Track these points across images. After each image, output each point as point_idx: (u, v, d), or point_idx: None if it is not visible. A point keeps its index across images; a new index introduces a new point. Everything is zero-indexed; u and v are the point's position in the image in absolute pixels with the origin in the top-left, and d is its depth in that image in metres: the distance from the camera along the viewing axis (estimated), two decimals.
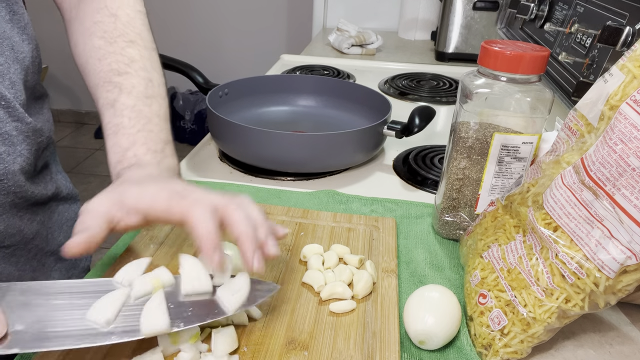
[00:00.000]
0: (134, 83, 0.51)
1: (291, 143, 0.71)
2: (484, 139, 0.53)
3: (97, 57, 0.53)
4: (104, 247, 0.45)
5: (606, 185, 0.36)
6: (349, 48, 1.46)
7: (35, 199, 0.55)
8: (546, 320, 0.40)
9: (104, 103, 0.51)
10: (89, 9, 0.55)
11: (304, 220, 0.60)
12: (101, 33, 0.54)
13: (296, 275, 0.51)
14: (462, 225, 0.58)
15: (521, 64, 0.48)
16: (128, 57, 0.53)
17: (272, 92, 0.93)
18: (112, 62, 0.52)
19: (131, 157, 0.47)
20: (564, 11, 0.82)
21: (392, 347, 0.42)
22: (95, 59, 0.53)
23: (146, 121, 0.50)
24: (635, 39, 0.57)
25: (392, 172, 0.77)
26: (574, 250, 0.38)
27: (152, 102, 0.52)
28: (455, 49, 1.43)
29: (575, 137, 0.42)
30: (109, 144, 0.49)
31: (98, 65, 0.53)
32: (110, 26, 0.54)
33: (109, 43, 0.53)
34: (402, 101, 1.10)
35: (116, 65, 0.52)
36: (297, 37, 2.75)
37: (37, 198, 0.56)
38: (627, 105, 0.35)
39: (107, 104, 0.50)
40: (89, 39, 0.54)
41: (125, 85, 0.51)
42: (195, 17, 2.87)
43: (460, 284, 0.52)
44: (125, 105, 0.50)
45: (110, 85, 0.51)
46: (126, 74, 0.52)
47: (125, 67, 0.52)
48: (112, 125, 0.49)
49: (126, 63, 0.52)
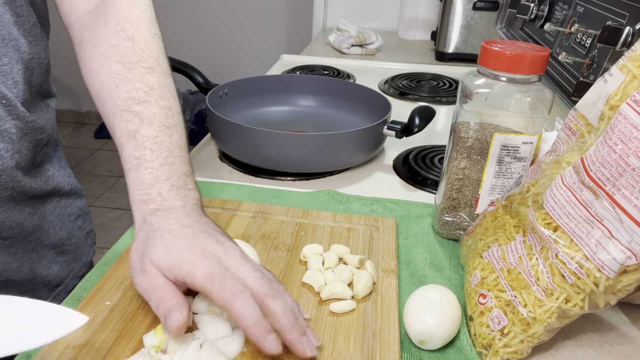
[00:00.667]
0: (154, 113, 0.50)
1: (291, 143, 0.71)
2: (484, 139, 0.53)
3: (114, 83, 0.51)
4: (104, 247, 0.46)
5: (606, 185, 0.36)
6: (349, 48, 1.46)
7: (34, 194, 0.56)
8: (546, 320, 0.40)
9: (123, 133, 0.49)
10: (104, 32, 0.53)
11: (304, 220, 0.60)
12: (119, 58, 0.51)
13: (296, 275, 0.51)
14: (462, 225, 0.58)
15: (521, 64, 0.48)
16: (147, 84, 0.51)
17: (272, 92, 0.93)
18: (131, 90, 0.50)
19: (156, 196, 0.45)
20: (564, 11, 0.82)
21: (392, 347, 0.42)
22: (113, 85, 0.51)
23: (168, 153, 0.48)
24: (635, 39, 0.57)
25: (392, 172, 0.77)
26: (574, 250, 0.38)
27: (172, 132, 0.50)
28: (455, 49, 1.43)
29: (575, 137, 0.42)
30: (130, 178, 0.47)
31: (115, 92, 0.50)
32: (128, 51, 0.52)
33: (127, 69, 0.51)
34: (402, 101, 1.10)
35: (135, 93, 0.50)
36: (297, 37, 2.75)
37: (36, 192, 0.56)
38: (627, 105, 0.35)
39: (128, 135, 0.48)
40: (105, 64, 0.52)
41: (145, 115, 0.49)
42: (195, 17, 2.87)
43: (460, 284, 0.52)
44: (146, 137, 0.48)
45: (130, 114, 0.49)
46: (146, 102, 0.50)
47: (145, 95, 0.50)
48: (133, 158, 0.47)
49: (145, 91, 0.51)
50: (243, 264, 0.40)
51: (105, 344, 0.41)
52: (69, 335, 0.41)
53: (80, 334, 0.42)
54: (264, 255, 0.53)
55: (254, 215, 0.60)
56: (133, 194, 0.47)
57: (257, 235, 0.57)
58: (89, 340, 0.41)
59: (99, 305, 0.45)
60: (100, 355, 0.40)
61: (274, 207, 0.62)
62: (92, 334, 0.42)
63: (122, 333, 0.42)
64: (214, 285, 0.38)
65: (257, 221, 0.59)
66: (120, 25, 0.52)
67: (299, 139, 0.71)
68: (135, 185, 0.46)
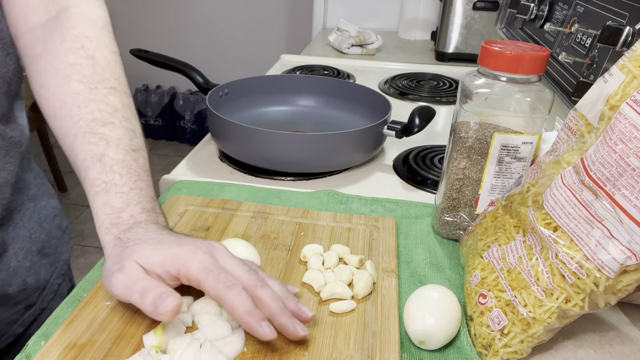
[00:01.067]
0: (119, 135, 0.48)
1: (291, 143, 0.71)
2: (484, 139, 0.53)
3: (75, 103, 0.48)
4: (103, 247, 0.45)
5: (606, 185, 0.36)
6: (349, 48, 1.46)
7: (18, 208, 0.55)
8: (546, 320, 0.40)
9: (87, 156, 0.47)
10: (61, 48, 0.50)
11: (304, 220, 0.60)
12: (79, 77, 0.49)
13: (296, 275, 0.51)
14: (462, 225, 0.58)
15: (521, 64, 0.48)
16: (111, 105, 0.49)
17: (272, 92, 0.93)
18: (95, 111, 0.48)
19: (128, 219, 0.45)
20: (564, 11, 0.82)
21: (392, 347, 0.42)
22: (74, 105, 0.48)
23: (137, 177, 0.47)
24: (635, 39, 0.57)
25: (392, 172, 0.77)
26: (574, 250, 0.38)
27: (138, 155, 0.49)
28: (455, 49, 1.43)
29: (575, 137, 0.42)
30: (98, 202, 0.46)
31: (77, 113, 0.48)
32: (89, 70, 0.49)
33: (89, 89, 0.49)
34: (402, 101, 1.10)
35: (99, 115, 0.48)
36: (297, 37, 2.75)
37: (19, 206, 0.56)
38: (627, 105, 0.35)
39: (93, 158, 0.47)
40: (64, 82, 0.49)
41: (111, 137, 0.48)
42: (195, 17, 2.87)
43: (460, 284, 0.52)
44: (114, 161, 0.47)
45: (94, 136, 0.47)
46: (111, 124, 0.48)
47: (109, 117, 0.49)
48: (100, 182, 0.46)
49: (109, 112, 0.49)
50: (231, 259, 0.42)
51: (105, 344, 0.41)
52: (69, 336, 0.41)
53: (80, 334, 0.42)
54: (264, 255, 0.53)
55: (254, 215, 0.60)
56: (101, 219, 0.45)
57: (257, 235, 0.57)
58: (89, 340, 0.41)
59: (99, 305, 0.45)
60: (100, 355, 0.40)
61: (274, 207, 0.62)
62: (92, 334, 0.42)
63: (122, 333, 0.42)
64: (209, 277, 0.39)
65: (257, 221, 0.59)
66: (80, 43, 0.50)
67: (299, 139, 0.71)
68: (104, 210, 0.45)
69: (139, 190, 0.47)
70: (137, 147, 0.50)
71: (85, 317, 0.43)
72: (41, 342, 0.43)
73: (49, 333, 0.44)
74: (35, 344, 0.43)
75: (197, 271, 0.40)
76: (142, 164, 0.49)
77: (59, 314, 0.46)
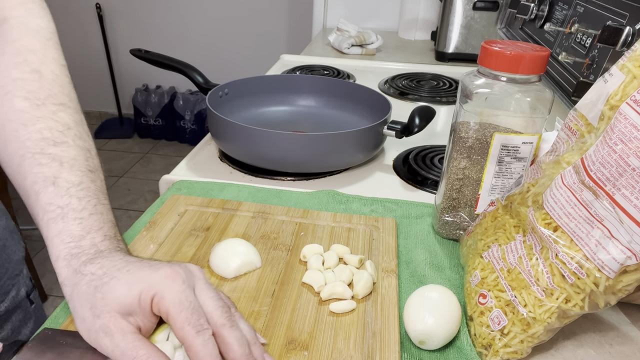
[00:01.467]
0: (74, 155, 0.44)
1: (291, 143, 0.71)
2: (484, 139, 0.53)
3: (20, 121, 0.44)
4: None
5: (606, 185, 0.36)
6: (349, 48, 1.46)
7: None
8: (546, 320, 0.40)
9: (38, 179, 0.42)
10: (1, 63, 0.46)
11: (304, 220, 0.60)
12: (23, 93, 0.45)
13: (296, 275, 0.51)
14: (462, 225, 0.58)
15: (521, 64, 0.48)
16: (62, 123, 0.45)
17: (272, 92, 0.93)
18: (44, 129, 0.44)
19: (89, 247, 0.40)
20: (564, 11, 0.82)
21: (392, 347, 0.42)
22: (18, 123, 0.44)
23: (96, 201, 0.43)
24: (635, 39, 0.57)
25: (392, 172, 0.77)
26: (574, 250, 0.38)
27: (95, 177, 0.45)
28: (455, 49, 1.43)
29: (575, 137, 0.42)
30: (53, 230, 0.41)
31: (23, 132, 0.43)
32: (34, 85, 0.45)
33: (35, 106, 0.45)
34: (402, 101, 1.10)
35: (49, 133, 0.44)
36: (297, 37, 2.75)
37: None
38: (627, 105, 0.35)
39: (45, 181, 0.42)
40: (6, 100, 0.45)
41: (65, 157, 0.43)
42: (195, 17, 2.87)
43: (460, 284, 0.52)
44: (70, 183, 0.42)
45: (44, 157, 0.43)
46: (63, 143, 0.44)
47: (60, 136, 0.44)
48: (55, 207, 0.41)
49: (61, 130, 0.45)
50: (206, 289, 0.39)
51: None
52: None
53: None
54: (264, 255, 0.53)
55: (254, 215, 0.60)
56: (58, 248, 0.40)
57: (257, 235, 0.57)
58: None
59: None
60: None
61: (274, 207, 0.62)
62: None
63: None
64: (180, 315, 0.36)
65: (257, 221, 0.59)
66: (22, 57, 0.46)
67: (299, 139, 0.71)
68: (62, 238, 0.40)
69: (99, 215, 0.42)
70: (93, 167, 0.45)
71: None
72: None
73: None
74: None
75: (169, 304, 0.36)
76: (100, 186, 0.45)
77: (59, 314, 0.46)
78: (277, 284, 0.49)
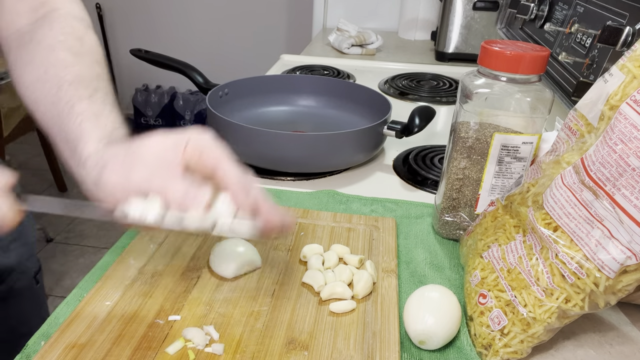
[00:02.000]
0: (107, 91, 0.49)
1: (291, 143, 0.71)
2: (484, 139, 0.53)
3: (63, 65, 0.48)
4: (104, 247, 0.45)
5: (606, 185, 0.36)
6: (349, 48, 1.46)
7: None
8: (546, 320, 0.40)
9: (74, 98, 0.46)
10: (50, 33, 0.51)
11: (304, 220, 0.60)
12: (66, 48, 0.49)
13: (296, 275, 0.51)
14: (462, 225, 0.58)
15: (521, 64, 0.48)
16: (96, 73, 0.50)
17: (272, 92, 0.93)
18: (83, 69, 0.48)
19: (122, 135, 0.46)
20: (564, 11, 0.82)
21: (392, 347, 0.42)
22: (61, 67, 0.48)
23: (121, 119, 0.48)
24: (635, 39, 0.57)
25: (392, 172, 0.77)
26: (574, 250, 0.38)
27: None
28: (455, 49, 1.43)
29: (575, 137, 0.42)
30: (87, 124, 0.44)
31: (63, 73, 0.48)
32: (76, 44, 0.50)
33: (75, 56, 0.49)
34: (402, 101, 1.10)
35: (87, 74, 0.48)
36: (297, 37, 2.75)
37: None
38: (627, 105, 0.35)
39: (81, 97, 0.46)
40: (50, 53, 0.49)
41: (100, 87, 0.49)
42: (195, 17, 2.87)
43: (460, 284, 0.52)
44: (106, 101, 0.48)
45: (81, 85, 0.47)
46: (98, 83, 0.49)
47: (95, 80, 0.49)
48: (90, 113, 0.45)
49: (95, 77, 0.49)
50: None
51: (105, 344, 0.41)
52: (69, 335, 0.41)
53: (80, 334, 0.42)
54: (264, 255, 0.53)
55: None
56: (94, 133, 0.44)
57: None
58: (89, 340, 0.41)
59: (99, 305, 0.45)
60: (100, 355, 0.40)
61: None
62: (92, 334, 0.42)
63: (122, 333, 0.42)
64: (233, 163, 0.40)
65: None
66: (71, 27, 0.52)
67: (299, 139, 0.71)
68: (98, 124, 0.45)
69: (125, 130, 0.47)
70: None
71: (85, 317, 0.43)
72: (41, 342, 0.43)
73: (49, 333, 0.44)
74: (35, 344, 0.43)
75: (222, 153, 0.40)
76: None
77: (60, 314, 0.46)
78: (277, 284, 0.49)
